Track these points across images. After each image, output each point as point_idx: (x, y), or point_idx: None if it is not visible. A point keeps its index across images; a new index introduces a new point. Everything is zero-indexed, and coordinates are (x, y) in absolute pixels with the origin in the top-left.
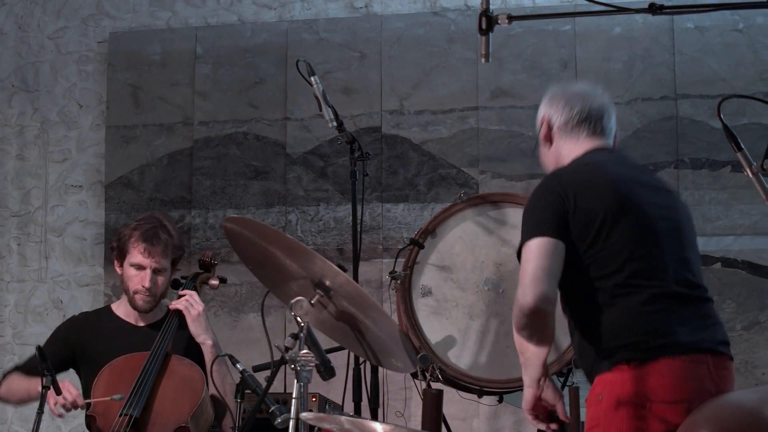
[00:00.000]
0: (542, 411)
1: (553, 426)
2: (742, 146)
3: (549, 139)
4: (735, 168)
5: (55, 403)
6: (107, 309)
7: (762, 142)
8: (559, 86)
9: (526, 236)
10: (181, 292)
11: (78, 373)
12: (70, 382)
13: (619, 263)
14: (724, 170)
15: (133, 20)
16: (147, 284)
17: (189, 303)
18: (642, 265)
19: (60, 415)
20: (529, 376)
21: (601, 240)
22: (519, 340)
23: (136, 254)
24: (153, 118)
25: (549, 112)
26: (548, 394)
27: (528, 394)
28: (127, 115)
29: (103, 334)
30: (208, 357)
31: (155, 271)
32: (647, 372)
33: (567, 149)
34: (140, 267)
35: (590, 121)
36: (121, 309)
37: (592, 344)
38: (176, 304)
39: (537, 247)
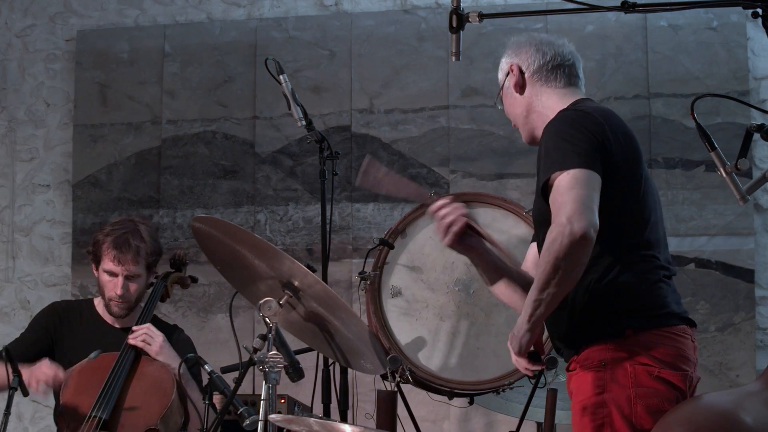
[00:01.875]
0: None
1: (539, 366)
2: (716, 146)
3: (521, 86)
4: (709, 168)
5: (37, 381)
6: (89, 303)
7: (736, 142)
8: (520, 36)
9: (566, 164)
10: (134, 328)
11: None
12: (45, 362)
13: (642, 226)
14: (697, 170)
15: (101, 18)
16: (119, 291)
17: (148, 336)
18: (653, 233)
19: (43, 392)
20: (536, 318)
21: (633, 196)
22: (547, 274)
23: (108, 261)
24: (121, 117)
25: (517, 59)
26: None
27: (525, 339)
28: (95, 113)
29: (81, 328)
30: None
31: (127, 278)
32: (652, 340)
33: (547, 96)
34: (112, 273)
35: (564, 67)
36: (101, 306)
37: (592, 307)
38: (133, 342)
39: (584, 177)
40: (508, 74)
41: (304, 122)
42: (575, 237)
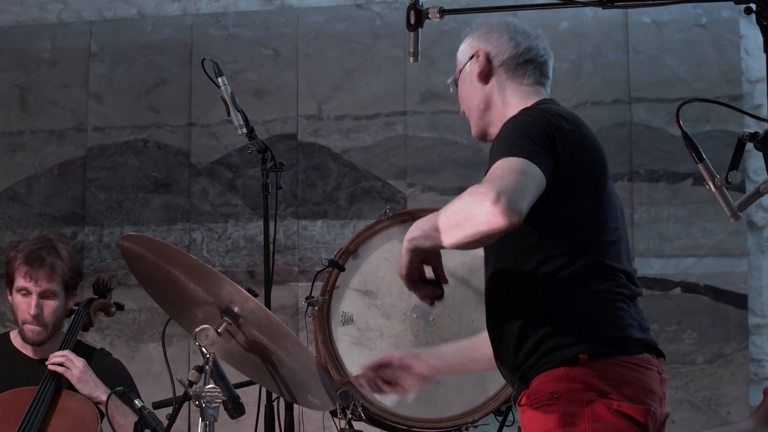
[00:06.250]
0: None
1: (439, 292)
2: (704, 156)
3: (485, 75)
4: (696, 181)
5: None
6: (5, 337)
7: (727, 152)
8: (493, 20)
9: (515, 152)
10: (52, 354)
11: None
12: None
13: (601, 242)
14: (684, 183)
15: (21, 13)
16: (32, 311)
17: (67, 360)
18: (615, 249)
19: None
20: (416, 243)
21: (591, 210)
22: (447, 224)
23: (20, 278)
24: (42, 124)
25: (486, 45)
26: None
27: (403, 260)
28: (13, 119)
29: None
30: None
31: (42, 296)
32: (609, 369)
33: (511, 93)
34: (26, 292)
35: (535, 64)
36: (18, 339)
37: (542, 330)
38: (52, 367)
39: (532, 169)
40: (471, 58)
41: (245, 130)
42: (498, 218)
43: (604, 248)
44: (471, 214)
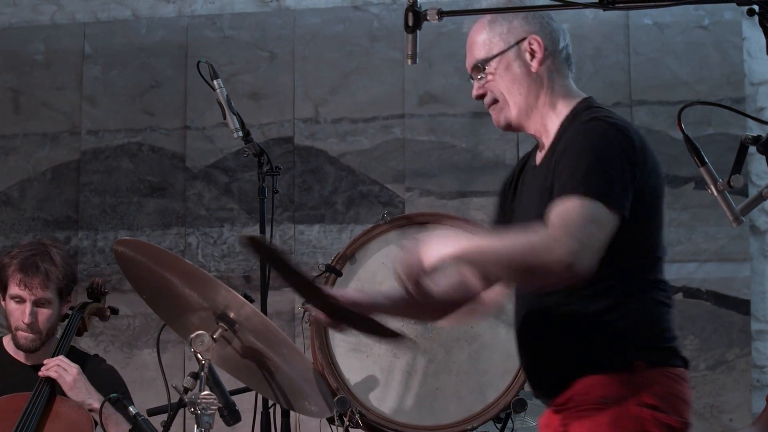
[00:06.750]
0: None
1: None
2: (706, 160)
3: (539, 62)
4: (698, 185)
5: None
6: None
7: (729, 156)
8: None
9: (594, 192)
10: (46, 361)
11: None
12: None
13: (657, 256)
14: (685, 187)
15: (14, 15)
16: (26, 320)
17: (61, 368)
18: (663, 262)
19: None
20: (466, 259)
21: (652, 221)
22: (510, 260)
23: (14, 286)
24: (35, 127)
25: (537, 29)
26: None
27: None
28: (6, 122)
29: None
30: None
31: (36, 304)
32: (661, 380)
33: (558, 86)
34: (20, 299)
35: (570, 62)
36: (11, 345)
37: (595, 335)
38: (46, 372)
39: (607, 220)
40: (517, 44)
41: (240, 133)
42: (567, 273)
43: (659, 262)
44: (537, 260)
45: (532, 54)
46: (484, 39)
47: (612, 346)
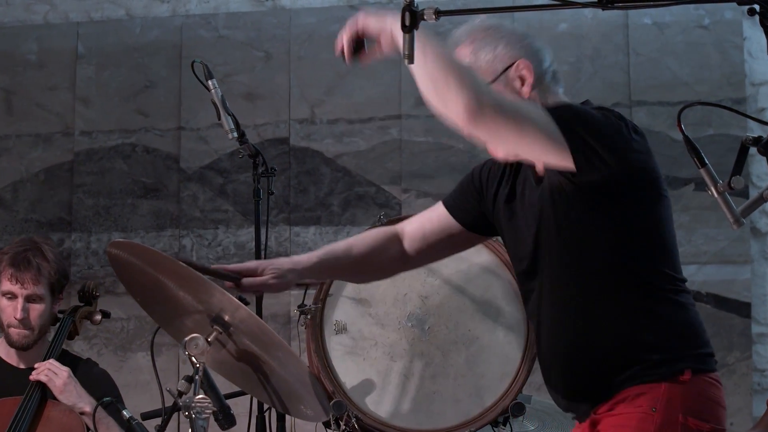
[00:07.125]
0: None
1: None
2: (707, 161)
3: (531, 87)
4: (698, 186)
5: None
6: None
7: (730, 157)
8: (491, 21)
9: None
10: (37, 364)
11: None
12: None
13: (675, 251)
14: (685, 189)
15: (6, 14)
16: (19, 315)
17: (51, 372)
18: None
19: None
20: (430, 61)
21: (668, 218)
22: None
23: (5, 281)
24: (28, 128)
25: (522, 53)
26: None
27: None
28: None
29: None
30: (91, 423)
31: (28, 299)
32: (706, 388)
33: (553, 102)
34: (12, 295)
35: (558, 78)
36: (2, 348)
37: (641, 344)
38: (36, 376)
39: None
40: (505, 72)
41: (235, 134)
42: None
43: (676, 253)
44: (529, 114)
45: (522, 80)
46: (475, 58)
47: (664, 356)
